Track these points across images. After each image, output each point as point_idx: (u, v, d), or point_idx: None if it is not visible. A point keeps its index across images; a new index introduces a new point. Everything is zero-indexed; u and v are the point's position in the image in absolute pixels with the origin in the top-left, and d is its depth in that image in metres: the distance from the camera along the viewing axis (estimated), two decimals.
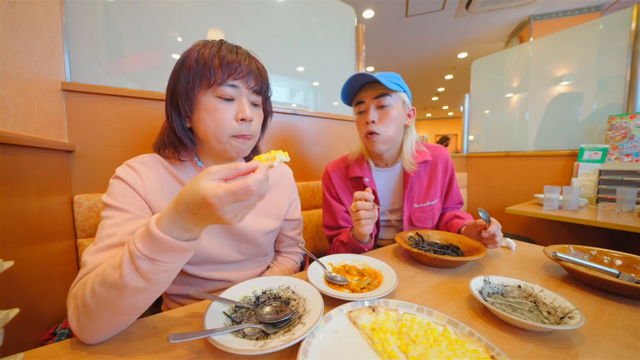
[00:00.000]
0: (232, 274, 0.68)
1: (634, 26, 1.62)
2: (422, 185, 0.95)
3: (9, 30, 0.58)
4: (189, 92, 0.54)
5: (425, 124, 12.31)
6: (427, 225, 0.96)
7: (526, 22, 3.86)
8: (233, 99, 0.56)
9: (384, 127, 0.85)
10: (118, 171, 0.56)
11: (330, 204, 0.99)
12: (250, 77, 0.56)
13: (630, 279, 0.56)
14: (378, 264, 0.65)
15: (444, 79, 6.77)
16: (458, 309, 0.50)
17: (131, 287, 0.36)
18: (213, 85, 0.54)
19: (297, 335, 0.37)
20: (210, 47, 0.55)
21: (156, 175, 0.58)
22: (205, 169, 0.36)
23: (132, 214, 0.51)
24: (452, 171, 0.99)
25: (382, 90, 0.84)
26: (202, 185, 0.34)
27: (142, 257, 0.35)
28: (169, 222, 0.36)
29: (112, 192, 0.53)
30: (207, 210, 0.34)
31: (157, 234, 0.35)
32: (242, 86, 0.56)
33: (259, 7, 1.26)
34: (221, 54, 0.54)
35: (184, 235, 0.37)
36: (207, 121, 0.55)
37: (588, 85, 1.86)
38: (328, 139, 1.46)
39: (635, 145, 1.52)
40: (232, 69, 0.54)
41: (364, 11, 3.65)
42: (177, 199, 0.36)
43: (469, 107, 2.54)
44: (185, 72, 0.54)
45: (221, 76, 0.53)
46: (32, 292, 0.60)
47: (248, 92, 0.57)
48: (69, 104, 0.82)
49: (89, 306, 0.38)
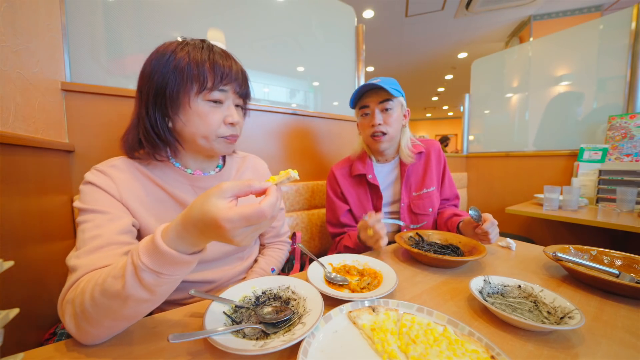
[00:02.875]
0: (213, 273, 0.65)
1: (634, 26, 1.62)
2: (418, 174, 1.04)
3: (9, 30, 0.58)
4: (180, 95, 0.54)
5: (425, 124, 12.31)
6: (427, 212, 1.00)
7: (526, 22, 3.86)
8: (221, 102, 0.57)
9: (389, 128, 0.94)
10: (87, 176, 0.53)
11: (332, 202, 1.06)
12: (237, 82, 0.58)
13: (631, 279, 0.56)
14: (378, 264, 0.65)
15: (444, 79, 6.77)
16: (458, 309, 0.50)
17: (134, 298, 0.35)
18: (205, 90, 0.54)
19: (297, 335, 0.37)
20: (199, 49, 0.54)
21: (131, 178, 0.57)
22: (217, 185, 0.36)
23: (111, 215, 0.50)
24: (444, 162, 1.08)
25: (386, 96, 0.93)
26: (213, 205, 0.33)
27: (146, 270, 0.34)
28: (175, 236, 0.35)
29: (85, 198, 0.51)
30: (217, 232, 0.33)
31: (163, 249, 0.34)
32: (230, 91, 0.57)
33: (259, 7, 1.26)
34: (213, 59, 0.54)
35: (190, 249, 0.36)
36: (196, 123, 0.55)
37: (588, 85, 1.86)
38: (328, 139, 1.47)
39: (635, 145, 1.52)
40: (224, 74, 0.55)
41: (364, 11, 3.65)
42: (185, 213, 0.35)
43: (469, 107, 2.54)
44: (175, 74, 0.53)
45: (213, 82, 0.54)
46: (32, 292, 0.60)
47: (234, 96, 0.59)
48: (69, 104, 0.82)
49: (89, 313, 0.37)
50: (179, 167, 0.62)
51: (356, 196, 1.03)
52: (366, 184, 1.02)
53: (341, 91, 1.64)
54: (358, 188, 1.03)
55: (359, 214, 1.03)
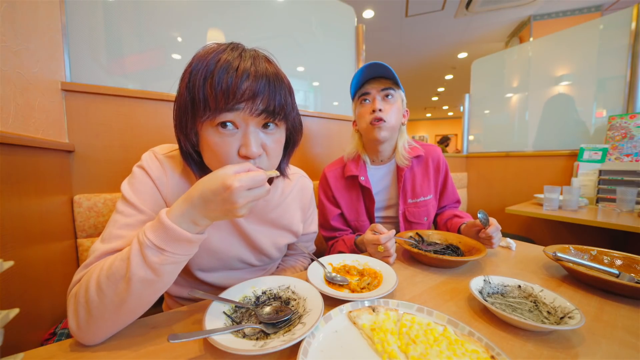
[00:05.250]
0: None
1: (634, 26, 1.62)
2: (415, 180, 0.99)
3: (9, 30, 0.58)
4: (188, 123, 0.45)
5: (425, 124, 12.30)
6: (422, 221, 0.97)
7: (526, 22, 3.86)
8: (238, 127, 0.45)
9: (389, 115, 0.89)
10: (144, 159, 0.50)
11: (323, 205, 1.02)
12: (258, 98, 0.43)
13: (630, 279, 0.56)
14: (378, 264, 0.65)
15: (444, 79, 6.76)
16: (458, 309, 0.50)
17: (138, 278, 0.36)
18: (207, 119, 0.43)
19: (297, 335, 0.37)
20: (204, 67, 0.42)
21: (182, 174, 0.53)
22: (221, 168, 0.40)
23: (145, 216, 0.47)
24: (446, 169, 1.03)
25: (388, 84, 0.90)
26: (221, 172, 0.37)
27: (151, 246, 0.36)
28: (179, 213, 0.38)
29: (134, 182, 0.49)
30: (222, 196, 0.36)
31: (167, 223, 0.36)
32: (246, 111, 0.43)
33: (259, 7, 1.26)
34: (217, 77, 0.41)
35: (192, 228, 0.39)
36: (208, 155, 0.47)
37: (588, 85, 1.86)
38: (328, 139, 1.46)
39: (635, 145, 1.52)
40: (229, 93, 0.41)
41: (364, 11, 3.65)
42: (189, 191, 0.39)
43: (469, 107, 2.54)
44: (178, 100, 0.46)
45: (214, 105, 0.42)
46: (32, 292, 0.60)
47: (254, 121, 0.45)
48: (69, 104, 0.82)
49: (93, 302, 0.37)
50: None
51: (348, 199, 0.99)
52: (359, 187, 0.97)
53: (341, 91, 1.64)
54: (350, 190, 0.99)
55: (351, 218, 0.99)
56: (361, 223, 0.98)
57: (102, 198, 0.83)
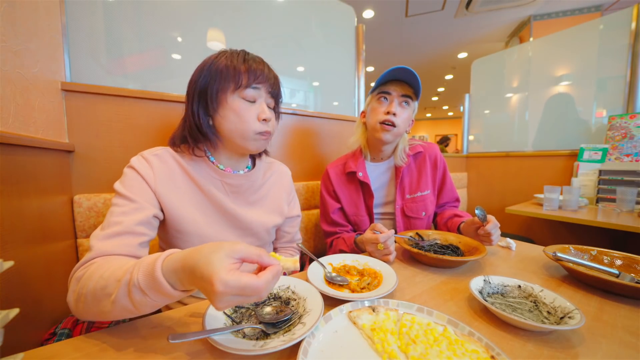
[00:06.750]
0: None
1: (634, 26, 1.62)
2: (412, 176, 1.02)
3: (9, 30, 0.58)
4: (219, 92, 0.60)
5: (425, 124, 12.31)
6: (420, 216, 0.99)
7: (526, 22, 3.86)
8: (254, 101, 0.63)
9: (400, 122, 0.92)
10: (132, 161, 0.60)
11: (324, 199, 1.07)
12: (269, 83, 0.64)
13: (631, 279, 0.56)
14: (378, 264, 0.65)
15: (444, 79, 6.77)
16: (458, 309, 0.50)
17: (121, 305, 0.39)
18: (240, 87, 0.60)
19: (297, 335, 0.37)
20: (237, 55, 0.62)
21: (168, 168, 0.63)
22: (233, 242, 0.36)
23: (138, 204, 0.55)
24: (444, 166, 1.06)
25: (409, 92, 0.93)
26: (219, 260, 0.33)
27: (137, 286, 0.37)
28: (172, 268, 0.37)
29: (125, 180, 0.58)
30: (207, 287, 0.33)
31: (156, 275, 0.36)
32: (262, 90, 0.63)
33: (259, 8, 1.26)
34: (247, 63, 0.61)
35: (179, 285, 0.38)
36: (233, 119, 0.61)
37: (588, 85, 1.86)
38: (328, 139, 1.46)
39: (635, 145, 1.52)
40: (256, 75, 0.61)
41: (364, 11, 3.65)
42: (190, 254, 0.35)
43: (469, 107, 2.54)
44: (215, 75, 0.60)
45: (247, 80, 0.60)
46: (32, 292, 0.60)
47: (267, 96, 0.64)
48: (69, 104, 0.82)
49: (86, 298, 0.42)
50: (213, 162, 0.67)
51: (348, 194, 1.03)
52: (358, 182, 1.01)
53: (341, 91, 1.64)
54: (350, 186, 1.03)
55: (350, 212, 1.02)
56: (360, 218, 1.01)
57: (102, 198, 0.83)
